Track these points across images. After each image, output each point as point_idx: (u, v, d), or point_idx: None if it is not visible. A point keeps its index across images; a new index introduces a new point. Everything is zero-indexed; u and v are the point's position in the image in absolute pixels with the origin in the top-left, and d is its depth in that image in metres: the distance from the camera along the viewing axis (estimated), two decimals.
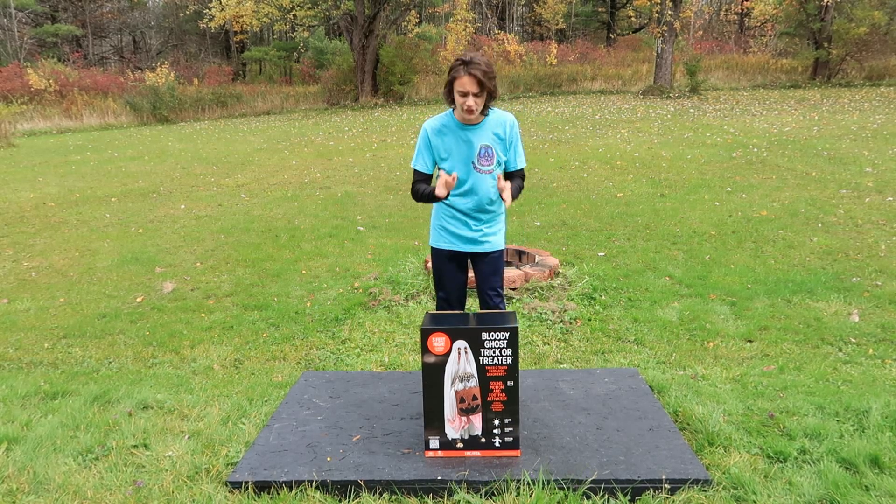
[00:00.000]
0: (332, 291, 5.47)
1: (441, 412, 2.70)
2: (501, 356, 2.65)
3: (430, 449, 2.75)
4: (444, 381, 2.67)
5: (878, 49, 21.65)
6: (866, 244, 5.97)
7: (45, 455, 2.88)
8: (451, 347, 2.63)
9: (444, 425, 2.72)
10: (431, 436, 2.73)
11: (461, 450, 2.74)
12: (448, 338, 2.62)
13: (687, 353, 4.12)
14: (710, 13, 35.11)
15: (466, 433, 2.72)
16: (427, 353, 2.64)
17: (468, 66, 2.72)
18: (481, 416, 2.70)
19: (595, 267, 5.70)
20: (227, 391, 3.69)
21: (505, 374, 2.66)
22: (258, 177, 11.04)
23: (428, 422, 2.72)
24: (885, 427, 2.89)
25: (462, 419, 2.71)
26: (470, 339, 2.62)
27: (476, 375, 2.66)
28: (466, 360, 2.64)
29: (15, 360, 4.42)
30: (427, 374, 2.67)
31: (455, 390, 2.67)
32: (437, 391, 2.68)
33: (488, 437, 2.73)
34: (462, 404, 2.68)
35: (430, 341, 2.62)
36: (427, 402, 2.70)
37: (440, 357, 2.64)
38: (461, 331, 2.63)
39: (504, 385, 2.68)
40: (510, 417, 2.72)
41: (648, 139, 12.37)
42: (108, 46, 41.51)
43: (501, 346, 2.63)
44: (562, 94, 22.87)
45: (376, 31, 23.40)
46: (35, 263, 6.66)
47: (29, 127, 21.70)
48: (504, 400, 2.69)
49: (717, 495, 2.51)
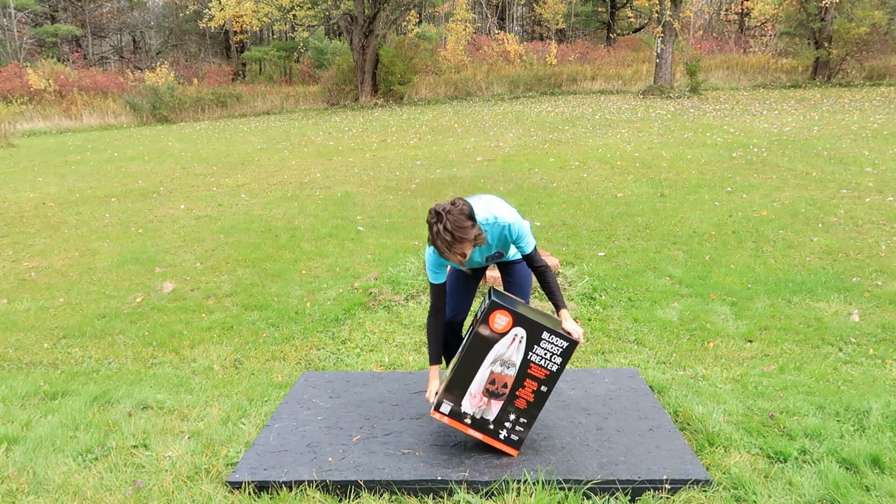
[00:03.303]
0: (332, 291, 5.47)
1: (468, 384, 2.67)
2: (550, 360, 2.63)
3: (440, 412, 2.73)
4: (486, 358, 2.64)
5: (879, 49, 21.63)
6: (867, 244, 5.97)
7: (45, 455, 2.88)
8: (510, 330, 2.60)
9: (464, 397, 2.69)
10: (447, 401, 2.71)
11: (466, 426, 2.73)
12: (512, 320, 2.59)
13: (687, 353, 4.12)
14: (710, 13, 35.11)
15: (480, 413, 2.71)
16: (484, 325, 2.60)
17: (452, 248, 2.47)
18: (501, 405, 2.69)
19: (595, 267, 5.70)
20: (227, 391, 3.68)
21: (544, 378, 2.65)
22: (258, 177, 11.04)
23: (450, 387, 2.69)
24: (885, 427, 2.89)
25: (483, 399, 2.69)
26: (531, 331, 2.60)
27: (518, 366, 2.64)
28: (518, 348, 2.62)
29: (15, 361, 4.42)
30: (474, 344, 2.63)
31: (492, 370, 2.65)
32: (476, 364, 2.65)
33: (497, 427, 2.72)
34: (491, 386, 2.66)
35: (494, 316, 2.58)
36: (460, 368, 2.67)
37: (495, 335, 2.61)
38: (526, 320, 2.59)
39: (538, 388, 2.66)
40: (526, 419, 2.70)
41: (648, 139, 12.37)
42: (107, 46, 41.50)
43: (556, 351, 2.61)
44: (562, 94, 22.87)
45: (376, 31, 23.39)
46: (35, 263, 6.66)
47: (29, 127, 21.69)
48: (530, 401, 2.68)
49: (717, 495, 2.51)
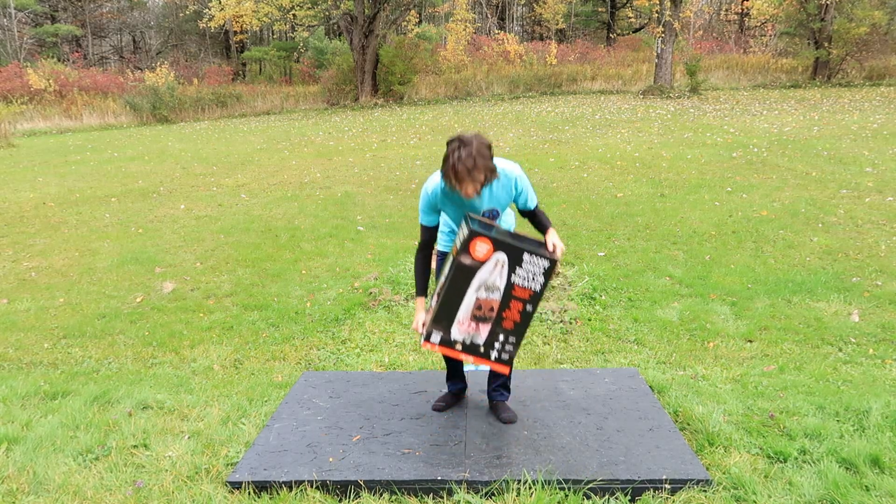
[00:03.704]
0: (332, 291, 5.47)
1: (455, 312, 2.68)
2: (533, 281, 2.64)
3: (430, 342, 2.74)
4: (470, 285, 2.64)
5: (879, 49, 21.62)
6: (866, 244, 5.97)
7: (45, 455, 2.88)
8: (492, 256, 2.61)
9: (452, 325, 2.70)
10: (436, 330, 2.71)
11: (458, 351, 2.74)
12: (492, 247, 2.59)
13: (687, 353, 4.12)
14: (710, 13, 35.10)
15: (469, 338, 2.72)
16: (465, 254, 2.60)
17: (458, 177, 2.48)
18: (490, 327, 2.70)
19: (595, 267, 5.70)
20: (227, 391, 3.69)
21: (528, 298, 2.66)
22: (258, 177, 11.04)
23: (437, 317, 2.70)
24: (885, 427, 2.89)
25: (471, 324, 2.70)
26: (511, 255, 2.60)
27: (501, 290, 2.65)
28: (500, 272, 2.62)
29: (15, 361, 4.42)
30: (457, 274, 2.63)
31: (477, 296, 2.66)
32: (461, 292, 2.65)
33: (487, 349, 2.74)
34: (478, 311, 2.67)
35: (474, 244, 2.59)
36: (445, 297, 2.67)
37: (477, 262, 2.61)
38: (506, 245, 2.60)
39: (523, 308, 2.67)
40: (515, 338, 2.72)
41: (648, 139, 12.37)
42: (107, 46, 41.50)
43: (537, 271, 2.62)
44: (562, 94, 22.87)
45: (376, 31, 23.38)
46: (35, 263, 6.66)
47: (29, 127, 21.68)
48: (517, 321, 2.70)
49: (717, 495, 2.51)
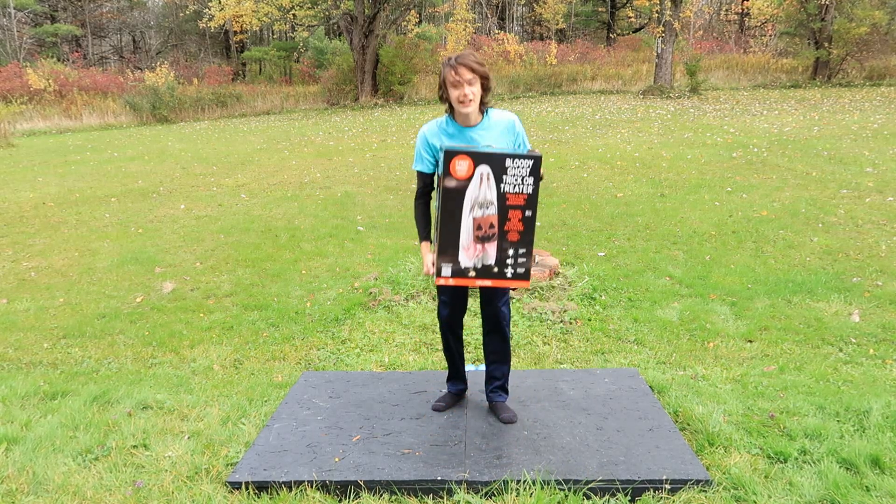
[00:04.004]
0: (332, 291, 5.46)
1: (457, 239, 2.66)
2: (523, 185, 2.61)
3: (442, 276, 2.71)
4: (463, 207, 2.62)
5: (879, 49, 21.63)
6: (867, 244, 5.97)
7: (45, 455, 2.88)
8: (474, 172, 2.58)
9: (459, 253, 2.68)
10: (444, 263, 2.69)
11: (473, 278, 2.71)
12: (472, 162, 2.56)
13: (687, 354, 4.12)
14: (710, 13, 35.10)
15: (480, 262, 2.69)
16: (448, 176, 2.58)
17: (457, 59, 2.72)
18: (496, 245, 2.68)
19: (595, 267, 5.70)
20: (227, 391, 3.68)
21: (524, 203, 2.63)
22: (258, 177, 11.04)
23: (442, 249, 2.68)
24: (885, 427, 2.89)
25: (477, 247, 2.68)
26: (493, 164, 2.57)
27: (496, 203, 2.62)
28: (488, 186, 2.60)
29: (14, 361, 4.42)
30: (446, 199, 2.61)
31: (473, 217, 2.64)
32: (456, 217, 2.63)
33: (501, 268, 2.71)
34: (479, 231, 2.65)
35: (454, 164, 2.56)
36: (443, 227, 2.66)
37: (461, 182, 2.59)
38: (485, 156, 2.57)
39: (522, 215, 2.64)
40: (524, 248, 2.69)
41: (648, 139, 12.37)
42: (107, 46, 41.49)
43: (524, 174, 2.59)
44: (562, 94, 22.87)
45: (376, 31, 23.38)
46: (35, 263, 6.66)
47: (28, 127, 21.68)
48: (521, 230, 2.67)
49: (717, 496, 2.51)
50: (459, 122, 2.82)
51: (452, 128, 2.83)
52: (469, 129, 2.82)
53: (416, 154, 2.94)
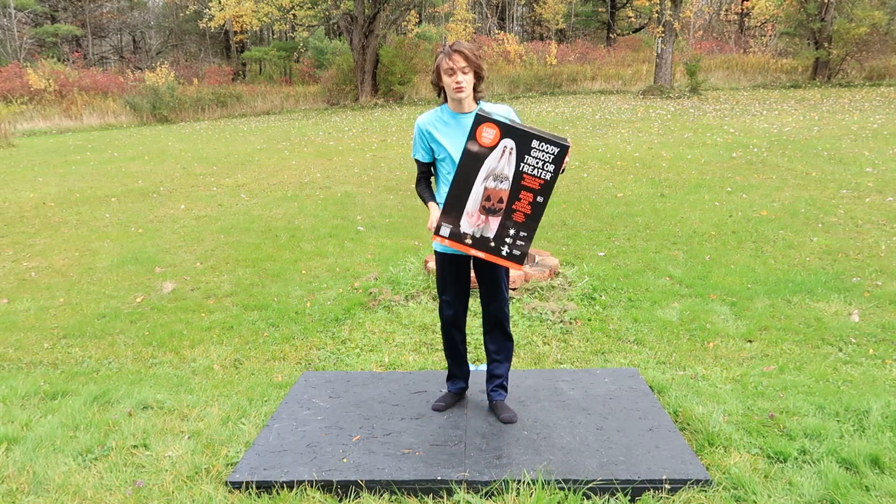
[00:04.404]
0: (332, 291, 5.47)
1: (464, 203, 2.65)
2: (543, 170, 2.58)
3: (440, 235, 2.72)
4: (478, 173, 2.60)
5: (879, 49, 21.63)
6: (866, 244, 5.97)
7: (45, 455, 2.88)
8: (499, 143, 2.56)
9: (462, 217, 2.67)
10: (445, 223, 2.69)
11: (468, 245, 2.71)
12: (499, 132, 2.54)
13: (687, 353, 4.12)
14: (710, 13, 35.10)
15: (479, 232, 2.69)
16: (472, 140, 2.56)
17: (452, 46, 2.74)
18: (499, 220, 2.66)
19: (595, 267, 5.70)
20: (227, 391, 3.69)
21: (539, 188, 2.61)
22: (258, 177, 11.04)
23: (447, 209, 2.67)
24: (885, 427, 2.89)
25: (480, 217, 2.67)
26: (520, 141, 2.54)
27: (511, 179, 2.60)
28: (508, 160, 2.57)
29: (15, 360, 4.42)
30: (465, 162, 2.59)
31: (485, 186, 2.62)
32: (468, 181, 2.61)
33: (498, 244, 2.70)
34: (487, 202, 2.64)
35: (481, 130, 2.54)
36: (454, 188, 2.64)
37: (484, 149, 2.57)
38: (514, 130, 2.54)
39: (533, 199, 2.62)
40: (526, 232, 2.67)
41: (648, 139, 12.37)
42: (107, 46, 41.50)
43: (547, 159, 2.56)
44: (562, 94, 22.88)
45: (376, 31, 23.39)
46: (35, 263, 6.66)
47: (29, 127, 21.69)
48: (528, 213, 2.65)
49: (717, 495, 2.51)
50: (453, 108, 2.85)
51: (447, 115, 2.87)
52: (464, 115, 2.85)
53: (413, 143, 2.97)
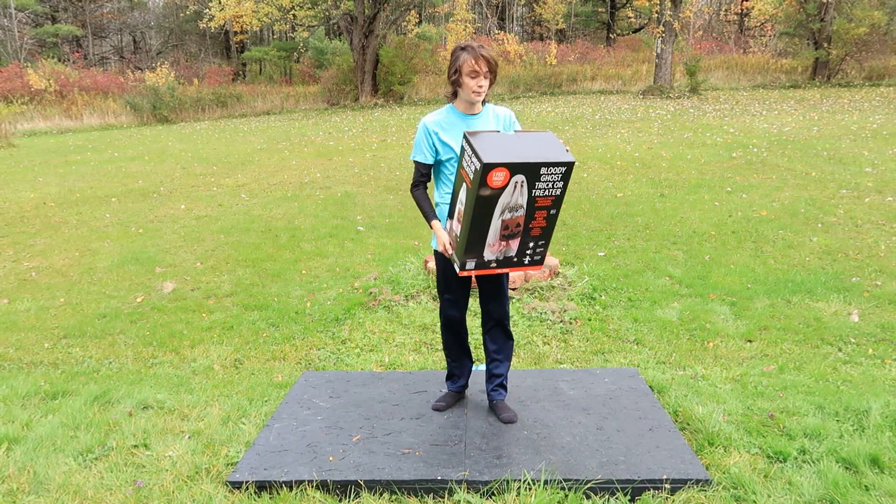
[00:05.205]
0: (332, 291, 5.47)
1: (484, 239, 2.70)
2: (553, 189, 2.65)
3: (466, 270, 2.76)
4: (494, 213, 2.65)
5: (878, 49, 21.62)
6: (866, 244, 5.98)
7: (46, 455, 2.89)
8: (510, 181, 2.60)
9: (484, 250, 2.73)
10: (469, 259, 2.74)
11: (493, 269, 2.79)
12: (508, 173, 2.58)
13: (687, 353, 4.12)
14: (709, 13, 35.10)
15: (502, 255, 2.76)
16: (484, 186, 2.59)
17: (479, 49, 2.74)
18: (519, 240, 2.74)
19: (595, 267, 5.71)
20: (227, 391, 3.69)
21: (551, 204, 2.68)
22: (258, 177, 11.04)
23: (469, 248, 2.72)
24: (884, 427, 2.89)
25: (501, 243, 2.73)
26: (529, 173, 2.60)
27: (525, 206, 2.67)
28: (521, 192, 2.63)
29: (15, 360, 4.42)
30: (480, 206, 2.63)
31: (502, 219, 2.68)
32: (486, 221, 2.67)
33: (520, 257, 2.78)
34: (505, 231, 2.70)
35: (491, 176, 2.57)
36: (472, 231, 2.68)
37: (496, 190, 2.61)
38: (522, 165, 2.58)
39: (547, 213, 2.70)
40: (544, 240, 2.77)
41: (648, 139, 12.37)
42: (108, 47, 41.50)
43: (556, 179, 2.63)
44: (562, 94, 22.88)
45: (376, 31, 23.39)
46: (35, 263, 6.66)
47: (29, 127, 21.69)
48: (543, 226, 2.73)
49: (717, 495, 2.51)
50: (461, 109, 2.87)
51: (455, 115, 2.88)
52: (471, 117, 2.88)
53: (415, 145, 2.94)
